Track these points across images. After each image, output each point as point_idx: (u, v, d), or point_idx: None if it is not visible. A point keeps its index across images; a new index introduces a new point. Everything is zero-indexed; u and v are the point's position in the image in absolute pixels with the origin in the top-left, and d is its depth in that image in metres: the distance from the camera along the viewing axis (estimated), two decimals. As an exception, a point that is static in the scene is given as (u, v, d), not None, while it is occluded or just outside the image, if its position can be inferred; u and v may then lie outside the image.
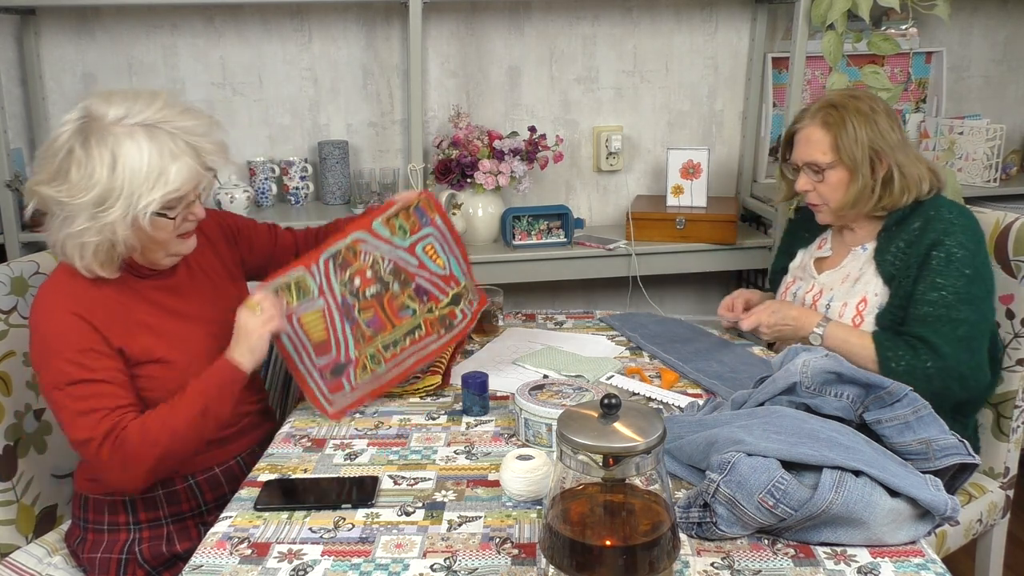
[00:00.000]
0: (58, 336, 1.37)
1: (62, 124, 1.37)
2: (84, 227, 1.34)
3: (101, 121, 1.34)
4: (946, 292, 1.64)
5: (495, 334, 1.95)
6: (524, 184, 2.54)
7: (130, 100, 1.37)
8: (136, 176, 1.33)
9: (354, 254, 1.58)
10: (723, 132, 2.85)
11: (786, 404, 1.32)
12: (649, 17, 2.71)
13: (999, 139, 2.63)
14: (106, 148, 1.32)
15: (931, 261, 1.66)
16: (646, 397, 1.60)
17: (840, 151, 1.72)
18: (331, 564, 1.11)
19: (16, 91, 2.46)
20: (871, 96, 1.77)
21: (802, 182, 1.80)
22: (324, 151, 2.54)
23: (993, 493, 1.80)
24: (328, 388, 1.56)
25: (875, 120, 1.72)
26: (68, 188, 1.33)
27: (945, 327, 1.62)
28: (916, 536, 1.12)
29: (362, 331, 1.58)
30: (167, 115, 1.38)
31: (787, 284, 1.94)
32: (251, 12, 2.51)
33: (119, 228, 1.34)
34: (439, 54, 2.63)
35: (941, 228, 1.67)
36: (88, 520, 1.49)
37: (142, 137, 1.34)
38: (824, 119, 1.74)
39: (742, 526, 1.12)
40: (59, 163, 1.34)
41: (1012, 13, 2.89)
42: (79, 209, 1.33)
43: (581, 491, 0.97)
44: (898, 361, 1.63)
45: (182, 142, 1.37)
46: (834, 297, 1.78)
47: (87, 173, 1.32)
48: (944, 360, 1.61)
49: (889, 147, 1.71)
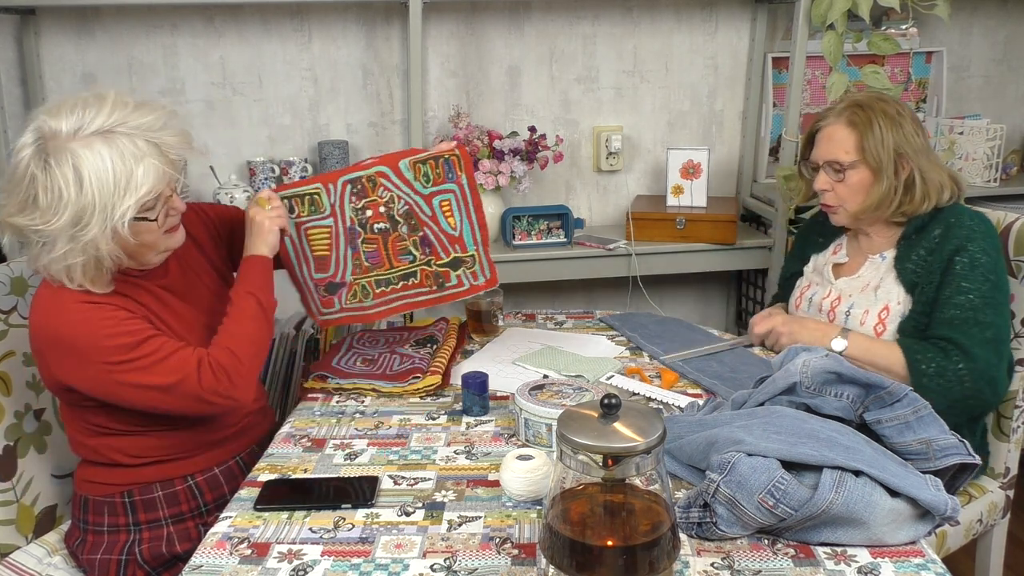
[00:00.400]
0: (82, 325, 1.35)
1: (19, 150, 1.33)
2: (66, 249, 1.31)
3: (56, 139, 1.30)
4: (973, 296, 1.61)
5: (495, 334, 1.95)
6: (524, 184, 2.54)
7: (79, 109, 1.32)
8: (105, 187, 1.29)
9: (373, 186, 1.63)
10: (723, 132, 2.85)
11: (786, 404, 1.32)
12: (649, 17, 2.71)
13: (999, 139, 2.63)
14: (67, 165, 1.28)
15: (955, 266, 1.63)
16: (646, 397, 1.60)
17: (865, 151, 1.69)
18: (331, 564, 1.11)
19: (16, 91, 2.46)
20: (898, 100, 1.75)
21: (821, 181, 1.76)
22: (324, 151, 2.54)
23: (993, 493, 1.80)
24: (321, 302, 1.68)
25: (901, 123, 1.69)
26: (40, 214, 1.30)
27: (973, 329, 1.60)
28: (916, 536, 1.12)
29: (361, 261, 1.65)
30: (120, 116, 1.33)
31: (802, 288, 1.90)
32: (251, 12, 2.51)
33: (101, 243, 1.31)
34: (439, 54, 2.63)
35: (963, 235, 1.65)
36: (88, 521, 1.49)
37: (100, 146, 1.30)
38: (850, 118, 1.72)
39: (742, 526, 1.12)
40: (24, 191, 1.31)
41: (1012, 13, 2.89)
42: (56, 233, 1.30)
43: (581, 491, 0.97)
44: (928, 363, 1.60)
45: (142, 142, 1.33)
46: (854, 304, 1.75)
47: (55, 196, 1.29)
48: (975, 362, 1.58)
49: (913, 151, 1.69)
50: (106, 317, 1.36)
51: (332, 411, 1.59)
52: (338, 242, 1.64)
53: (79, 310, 1.36)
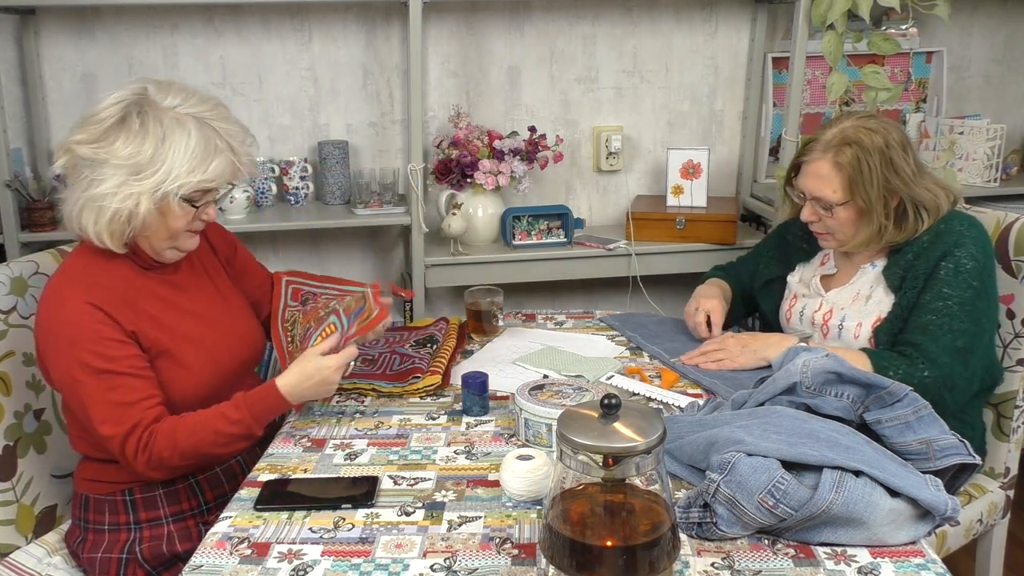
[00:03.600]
0: (75, 324, 1.38)
1: (115, 95, 1.42)
2: (110, 191, 1.37)
3: (156, 105, 1.41)
4: (952, 302, 1.61)
5: (495, 334, 1.95)
6: (524, 184, 2.54)
7: (185, 93, 1.45)
8: (180, 156, 1.38)
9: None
10: (723, 132, 2.85)
11: (786, 404, 1.32)
12: (649, 17, 2.70)
13: (999, 139, 2.63)
14: (158, 125, 1.39)
15: (940, 271, 1.63)
16: (646, 397, 1.59)
17: (853, 192, 1.65)
18: (331, 564, 1.11)
19: (16, 91, 2.46)
20: (886, 126, 1.68)
21: (807, 213, 1.73)
22: (324, 151, 2.54)
23: (993, 493, 1.80)
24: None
25: (891, 156, 1.64)
26: (111, 150, 1.37)
27: (945, 336, 1.59)
28: (916, 536, 1.12)
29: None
30: (217, 114, 1.45)
31: (790, 302, 1.87)
32: (251, 12, 2.51)
33: (144, 200, 1.38)
34: (439, 54, 2.63)
35: (952, 240, 1.64)
36: (88, 520, 1.49)
37: (192, 125, 1.41)
38: (836, 158, 1.66)
39: (742, 526, 1.12)
40: (108, 127, 1.39)
41: (1012, 13, 2.89)
42: (113, 171, 1.37)
43: (581, 491, 0.97)
44: (896, 371, 1.59)
45: (224, 141, 1.44)
46: (846, 316, 1.73)
47: (136, 141, 1.37)
48: (940, 370, 1.58)
49: (904, 183, 1.65)
50: (99, 328, 1.38)
51: (332, 411, 1.59)
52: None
53: (79, 310, 1.38)
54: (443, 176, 2.49)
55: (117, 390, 1.36)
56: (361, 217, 2.46)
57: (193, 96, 1.45)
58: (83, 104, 2.49)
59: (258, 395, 1.43)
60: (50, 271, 1.66)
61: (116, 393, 1.36)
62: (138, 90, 1.43)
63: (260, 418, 1.43)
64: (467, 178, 2.48)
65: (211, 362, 1.51)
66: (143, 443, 1.36)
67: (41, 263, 1.65)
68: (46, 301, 1.41)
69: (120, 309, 1.42)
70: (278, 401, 1.43)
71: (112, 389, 1.36)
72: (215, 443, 1.40)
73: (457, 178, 2.48)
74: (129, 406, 1.37)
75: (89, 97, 2.49)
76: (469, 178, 2.47)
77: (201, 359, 1.50)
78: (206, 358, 1.50)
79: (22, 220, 2.30)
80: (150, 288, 1.49)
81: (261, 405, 1.43)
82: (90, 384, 1.36)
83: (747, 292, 2.02)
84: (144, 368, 1.41)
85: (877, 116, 1.72)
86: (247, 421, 1.41)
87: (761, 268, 1.98)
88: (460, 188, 2.50)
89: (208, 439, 1.40)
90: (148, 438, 1.37)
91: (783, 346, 1.65)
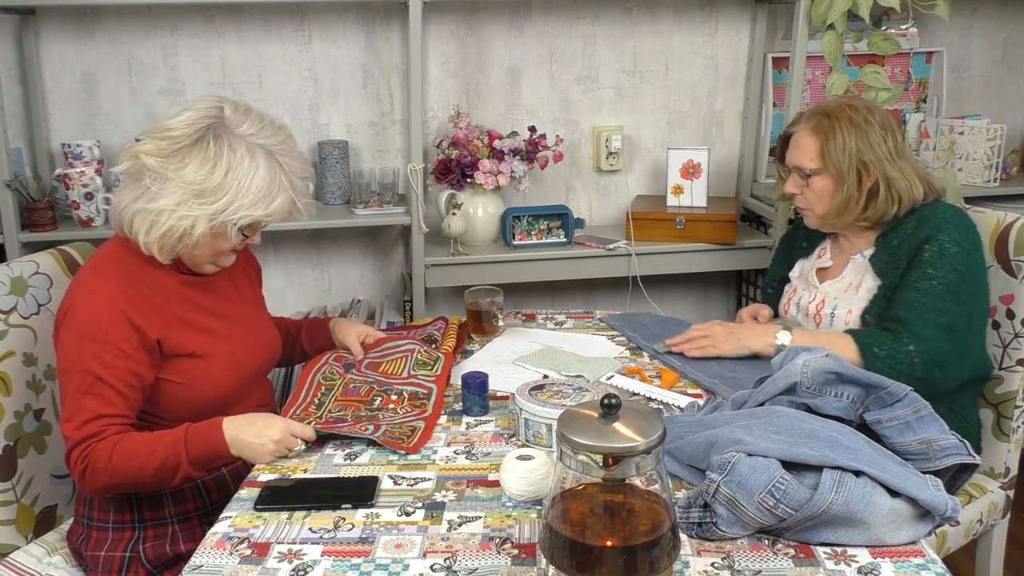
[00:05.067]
0: (92, 323, 1.39)
1: (191, 112, 1.44)
2: (168, 208, 1.39)
3: (232, 131, 1.43)
4: (936, 282, 1.64)
5: (495, 334, 1.94)
6: (524, 184, 2.54)
7: (261, 122, 1.47)
8: (245, 190, 1.41)
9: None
10: (723, 132, 2.85)
11: (786, 404, 1.32)
12: (649, 17, 2.70)
13: (999, 139, 2.63)
14: (231, 152, 1.41)
15: (923, 254, 1.67)
16: (646, 397, 1.59)
17: (826, 159, 1.74)
18: (331, 564, 1.11)
19: (16, 91, 2.46)
20: (868, 106, 1.77)
21: (790, 184, 1.83)
22: (324, 151, 2.54)
23: (993, 493, 1.80)
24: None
25: (867, 131, 1.72)
26: (180, 171, 1.39)
27: (930, 313, 1.62)
28: (916, 536, 1.12)
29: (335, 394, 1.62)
30: (285, 148, 1.48)
31: (789, 295, 1.94)
32: (251, 12, 2.51)
33: (200, 224, 1.40)
34: (439, 54, 2.63)
35: (935, 226, 1.68)
36: (92, 518, 1.50)
37: (261, 158, 1.43)
38: (816, 126, 1.76)
39: (742, 526, 1.12)
40: (183, 145, 1.41)
41: (1012, 13, 2.89)
42: (176, 189, 1.39)
43: (581, 491, 0.97)
44: (880, 347, 1.62)
45: (287, 179, 1.47)
46: (838, 305, 1.78)
47: (208, 166, 1.40)
48: (925, 344, 1.61)
49: (878, 159, 1.72)
50: (112, 334, 1.39)
51: (332, 411, 1.59)
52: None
53: (104, 309, 1.40)
54: (443, 176, 2.49)
55: (96, 398, 1.37)
56: (361, 217, 2.46)
57: (267, 126, 1.47)
58: (83, 104, 2.50)
59: (201, 426, 1.39)
60: (50, 271, 1.66)
61: (93, 400, 1.37)
62: (214, 111, 1.44)
63: (194, 447, 1.36)
64: (467, 178, 2.48)
65: (232, 364, 1.54)
66: (87, 452, 1.35)
67: (41, 263, 1.65)
68: (78, 287, 1.44)
69: (148, 315, 1.43)
70: (218, 436, 1.36)
71: (92, 395, 1.37)
72: (145, 464, 1.35)
73: (457, 178, 2.48)
74: (98, 418, 1.36)
75: (89, 97, 2.50)
76: (469, 178, 2.47)
77: (224, 362, 1.52)
78: (228, 360, 1.53)
79: (22, 220, 2.30)
80: (178, 288, 1.51)
81: (199, 435, 1.38)
82: (75, 381, 1.37)
83: None
84: (132, 388, 1.40)
85: (864, 99, 1.82)
86: (179, 449, 1.35)
87: (771, 272, 2.05)
88: (460, 188, 2.50)
89: (139, 460, 1.35)
90: (90, 450, 1.35)
91: (767, 335, 1.73)
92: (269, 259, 2.68)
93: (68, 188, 2.30)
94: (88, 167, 2.32)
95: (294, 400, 1.58)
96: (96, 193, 2.31)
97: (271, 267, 2.68)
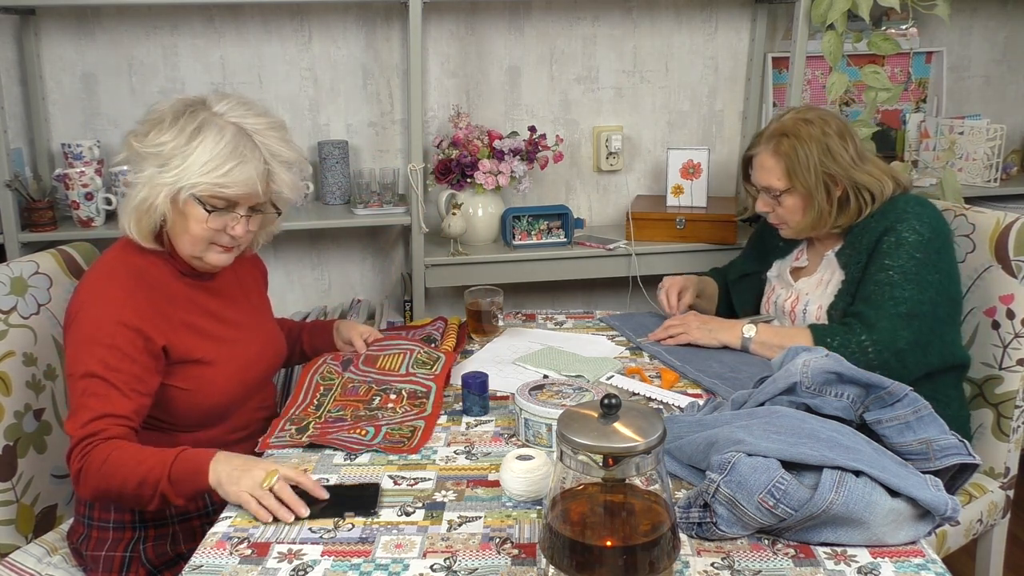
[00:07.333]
0: (100, 326, 1.39)
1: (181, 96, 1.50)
2: (140, 181, 1.43)
3: (207, 108, 1.45)
4: (893, 272, 1.68)
5: (495, 334, 1.95)
6: (524, 184, 2.54)
7: (246, 105, 1.48)
8: (199, 157, 1.40)
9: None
10: (723, 132, 2.85)
11: (786, 404, 1.32)
12: (649, 17, 2.70)
13: (999, 139, 2.63)
14: (193, 124, 1.42)
15: (882, 245, 1.71)
16: (646, 397, 1.60)
17: (793, 178, 1.77)
18: (331, 564, 1.11)
19: (16, 91, 2.46)
20: (823, 117, 1.80)
21: (760, 204, 1.88)
22: (324, 151, 2.54)
23: (993, 493, 1.80)
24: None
25: (827, 144, 1.76)
26: (145, 143, 1.43)
27: (887, 303, 1.66)
28: (916, 536, 1.12)
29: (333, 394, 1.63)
30: (269, 133, 1.46)
31: (768, 294, 1.98)
32: (251, 12, 2.51)
33: (161, 194, 1.42)
34: (439, 54, 2.63)
35: (894, 216, 1.72)
36: (93, 518, 1.49)
37: (230, 132, 1.42)
38: (776, 147, 1.79)
39: (742, 526, 1.12)
40: (151, 123, 1.45)
41: (1012, 13, 2.89)
42: (148, 165, 1.43)
43: (581, 491, 0.97)
44: (833, 339, 1.66)
45: (261, 154, 1.44)
46: (810, 301, 1.83)
47: (166, 136, 1.42)
48: (878, 333, 1.64)
49: (843, 168, 1.76)
50: (117, 338, 1.39)
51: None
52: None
53: (111, 312, 1.40)
54: (443, 176, 2.49)
55: (98, 398, 1.36)
56: (361, 217, 2.46)
57: (251, 110, 1.47)
58: (83, 104, 2.50)
59: (195, 452, 1.33)
60: (50, 271, 1.67)
61: (96, 400, 1.36)
62: (198, 96, 1.48)
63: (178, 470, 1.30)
64: (467, 178, 2.47)
65: (238, 370, 1.54)
66: (85, 452, 1.33)
67: (41, 263, 1.65)
68: (86, 291, 1.44)
69: (154, 321, 1.43)
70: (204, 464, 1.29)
71: (95, 395, 1.36)
72: (131, 474, 1.31)
73: (457, 178, 2.48)
74: (99, 417, 1.35)
75: (89, 97, 2.49)
76: (469, 178, 2.47)
77: (230, 368, 1.53)
78: (235, 366, 1.54)
79: (22, 220, 2.30)
80: (185, 292, 1.51)
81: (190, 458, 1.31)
82: (81, 383, 1.37)
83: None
84: (136, 392, 1.39)
85: (816, 108, 1.86)
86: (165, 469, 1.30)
87: (739, 262, 2.11)
88: (460, 188, 2.50)
89: (127, 470, 1.31)
90: (88, 451, 1.33)
91: (736, 329, 1.80)
92: (269, 259, 2.68)
93: (68, 188, 2.30)
94: (88, 167, 2.32)
95: (293, 401, 1.58)
96: (96, 193, 2.30)
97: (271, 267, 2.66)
